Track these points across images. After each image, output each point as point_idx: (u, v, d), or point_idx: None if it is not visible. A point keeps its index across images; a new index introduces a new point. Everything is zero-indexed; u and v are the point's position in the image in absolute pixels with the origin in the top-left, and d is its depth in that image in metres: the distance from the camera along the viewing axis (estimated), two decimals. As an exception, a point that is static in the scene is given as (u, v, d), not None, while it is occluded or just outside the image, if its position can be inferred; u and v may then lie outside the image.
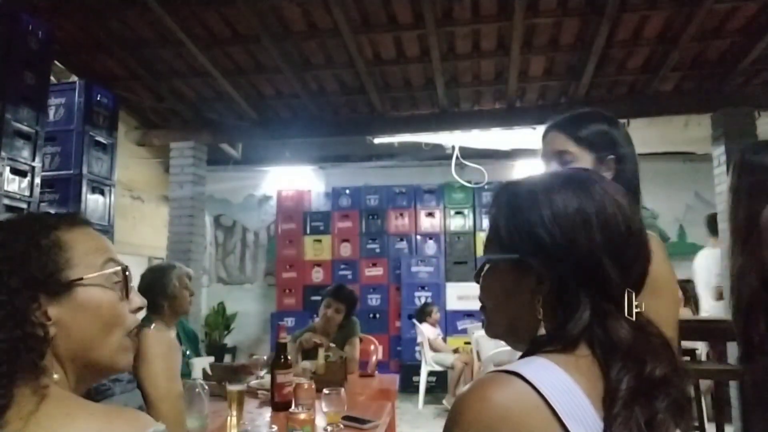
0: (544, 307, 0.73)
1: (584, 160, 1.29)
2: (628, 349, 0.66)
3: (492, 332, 0.82)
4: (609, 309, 0.69)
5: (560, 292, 0.71)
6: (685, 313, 4.58)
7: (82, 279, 0.77)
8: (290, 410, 1.72)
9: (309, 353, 2.93)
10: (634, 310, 0.70)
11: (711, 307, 4.48)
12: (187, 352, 2.58)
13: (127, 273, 0.84)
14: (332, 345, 3.05)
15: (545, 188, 0.75)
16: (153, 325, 2.25)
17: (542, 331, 0.73)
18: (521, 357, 0.71)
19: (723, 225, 4.34)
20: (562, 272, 0.71)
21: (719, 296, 4.30)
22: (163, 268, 2.60)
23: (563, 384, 0.64)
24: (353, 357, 3.09)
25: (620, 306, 0.70)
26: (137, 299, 0.86)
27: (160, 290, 2.50)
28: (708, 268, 4.52)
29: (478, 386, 0.66)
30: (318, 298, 3.24)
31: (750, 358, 1.81)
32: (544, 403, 0.62)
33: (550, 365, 0.66)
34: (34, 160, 3.07)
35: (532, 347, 0.71)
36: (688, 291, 4.80)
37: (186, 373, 2.29)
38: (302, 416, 1.64)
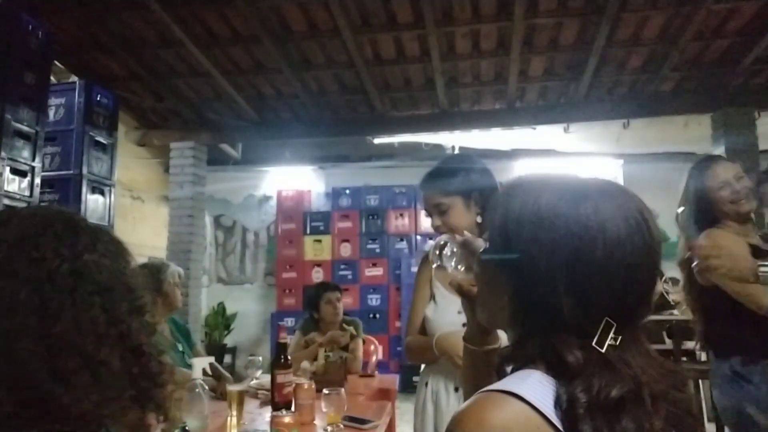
0: (510, 310, 0.69)
1: (457, 206, 1.54)
2: (575, 371, 0.61)
3: (480, 319, 0.81)
4: (561, 338, 0.63)
5: (521, 303, 0.67)
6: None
7: None
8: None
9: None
10: (607, 344, 0.62)
11: None
12: (181, 348, 2.61)
13: None
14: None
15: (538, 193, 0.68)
16: None
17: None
18: (513, 371, 0.66)
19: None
20: (523, 284, 0.66)
21: None
22: (157, 266, 2.67)
23: None
24: (357, 357, 3.10)
25: (586, 334, 0.63)
26: None
27: (154, 287, 2.54)
28: None
29: (473, 409, 0.61)
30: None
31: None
32: (546, 422, 0.58)
33: (546, 380, 0.62)
34: (34, 160, 3.07)
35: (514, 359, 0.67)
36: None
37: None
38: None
